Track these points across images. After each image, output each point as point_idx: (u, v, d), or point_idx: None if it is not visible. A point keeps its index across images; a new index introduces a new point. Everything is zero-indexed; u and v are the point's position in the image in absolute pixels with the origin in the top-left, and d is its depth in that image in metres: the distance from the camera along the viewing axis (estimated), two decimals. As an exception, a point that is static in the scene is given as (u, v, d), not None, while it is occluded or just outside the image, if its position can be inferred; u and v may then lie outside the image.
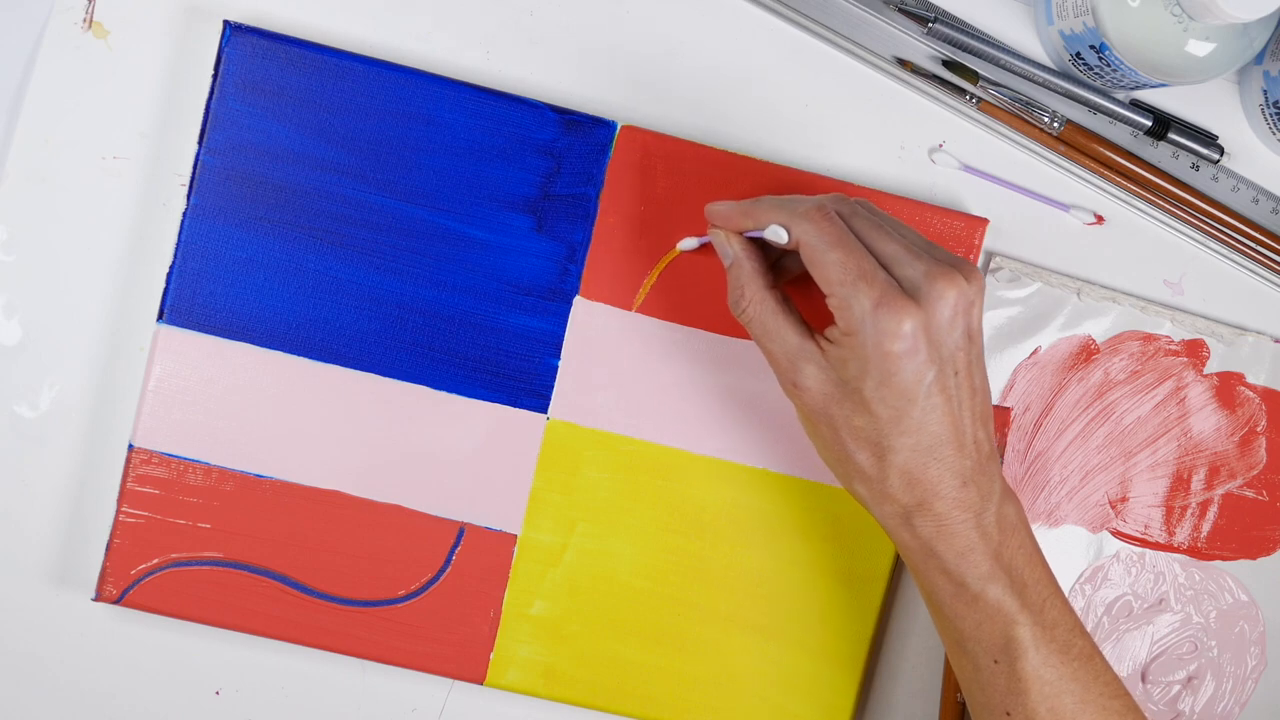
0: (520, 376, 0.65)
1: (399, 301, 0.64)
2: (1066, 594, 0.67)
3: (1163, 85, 0.63)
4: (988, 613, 0.57)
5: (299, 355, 0.64)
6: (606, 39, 0.66)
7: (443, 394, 0.64)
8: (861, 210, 0.58)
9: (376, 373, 0.64)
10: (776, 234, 0.58)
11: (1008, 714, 0.58)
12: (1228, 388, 0.68)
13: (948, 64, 0.66)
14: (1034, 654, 0.57)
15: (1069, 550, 0.68)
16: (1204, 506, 0.69)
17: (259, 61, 0.63)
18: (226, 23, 0.63)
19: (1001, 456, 0.67)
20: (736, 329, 0.65)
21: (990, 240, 0.67)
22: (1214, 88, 0.68)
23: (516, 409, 0.65)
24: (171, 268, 0.63)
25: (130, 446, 0.63)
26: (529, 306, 0.64)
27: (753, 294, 0.59)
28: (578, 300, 0.65)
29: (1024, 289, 0.67)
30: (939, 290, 0.55)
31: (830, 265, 0.56)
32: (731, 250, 0.60)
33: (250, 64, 0.63)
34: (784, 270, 0.62)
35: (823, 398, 0.57)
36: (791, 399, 0.59)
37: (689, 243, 0.64)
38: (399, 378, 0.64)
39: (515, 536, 0.65)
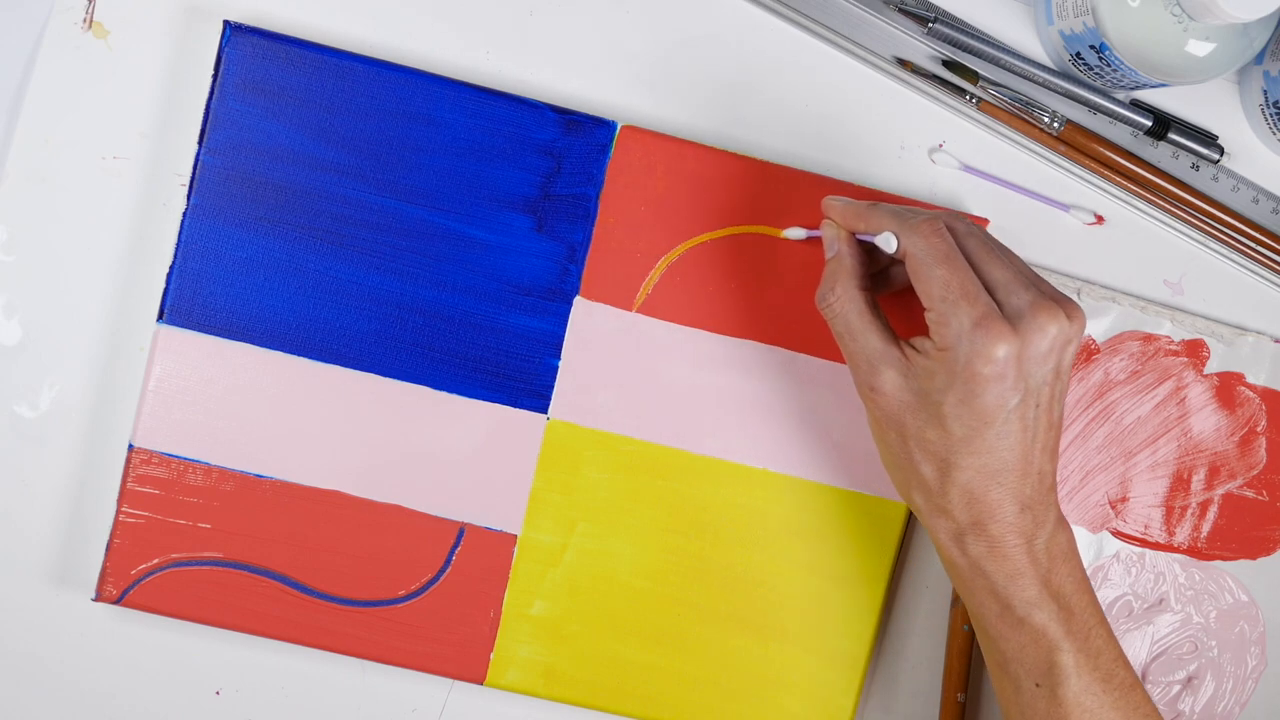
0: (520, 376, 0.65)
1: (399, 301, 0.64)
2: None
3: (1163, 85, 0.63)
4: (1032, 636, 0.58)
5: (299, 355, 0.64)
6: (606, 39, 0.66)
7: (443, 394, 0.64)
8: (978, 232, 0.58)
9: (376, 373, 0.64)
10: (887, 241, 0.58)
11: None
12: (1228, 388, 0.68)
13: (948, 64, 0.66)
14: (1076, 680, 0.57)
15: (1069, 550, 0.68)
16: (1204, 506, 0.69)
17: (259, 61, 0.63)
18: (226, 23, 0.63)
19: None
20: (736, 329, 0.65)
21: (990, 240, 0.67)
22: (1214, 88, 0.68)
23: (516, 409, 0.65)
24: (171, 268, 0.63)
25: (130, 446, 0.63)
26: (529, 306, 0.64)
27: (844, 290, 0.59)
28: (578, 300, 0.65)
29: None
30: (1040, 323, 0.55)
31: (935, 280, 0.56)
32: (836, 246, 0.60)
33: (250, 64, 0.63)
34: (889, 281, 0.63)
35: (898, 404, 0.57)
36: (865, 401, 0.59)
37: (796, 232, 0.64)
38: (399, 378, 0.64)
39: (515, 536, 0.65)
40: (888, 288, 0.63)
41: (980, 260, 0.57)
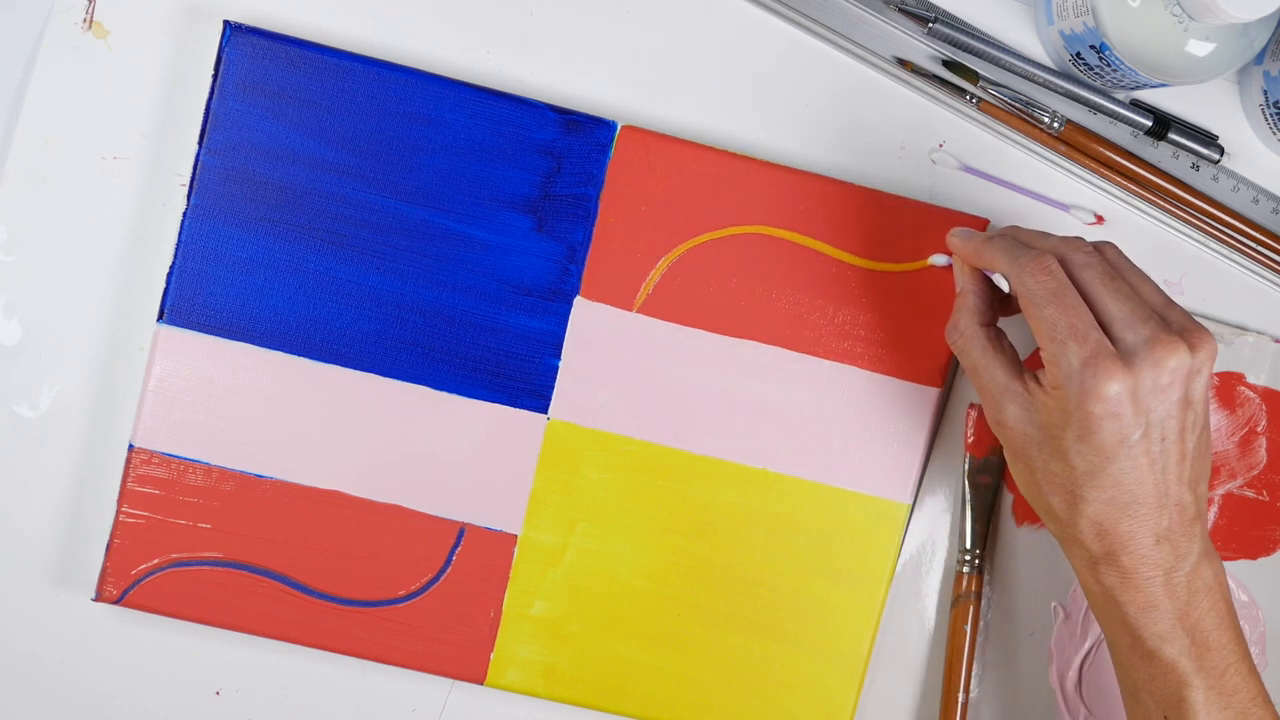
0: (520, 376, 0.65)
1: (399, 301, 0.64)
2: (1066, 594, 0.68)
3: (1163, 85, 0.63)
4: (1161, 669, 0.57)
5: (299, 355, 0.64)
6: (606, 39, 0.66)
7: (443, 394, 0.64)
8: (1095, 262, 0.57)
9: (376, 373, 0.64)
10: (1001, 281, 0.58)
11: None
12: (1228, 388, 0.68)
13: (948, 64, 0.66)
14: (1205, 717, 0.57)
15: (1069, 550, 0.68)
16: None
17: (259, 61, 0.63)
18: (226, 23, 0.63)
19: (1002, 456, 0.67)
20: (736, 329, 0.65)
21: (990, 240, 0.67)
22: (1214, 88, 0.68)
23: (517, 409, 0.65)
24: (171, 268, 0.63)
25: (130, 446, 0.63)
26: (529, 306, 0.64)
27: (966, 328, 0.60)
28: (578, 300, 0.65)
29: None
30: (1156, 358, 0.54)
31: (1043, 320, 0.56)
32: (961, 281, 0.61)
33: (250, 64, 0.63)
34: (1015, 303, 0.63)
35: (1023, 438, 0.57)
36: (995, 433, 0.59)
37: (939, 259, 0.65)
38: (399, 378, 0.64)
39: (515, 536, 0.65)
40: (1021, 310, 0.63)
41: (1096, 294, 0.56)
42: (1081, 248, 0.58)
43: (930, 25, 0.65)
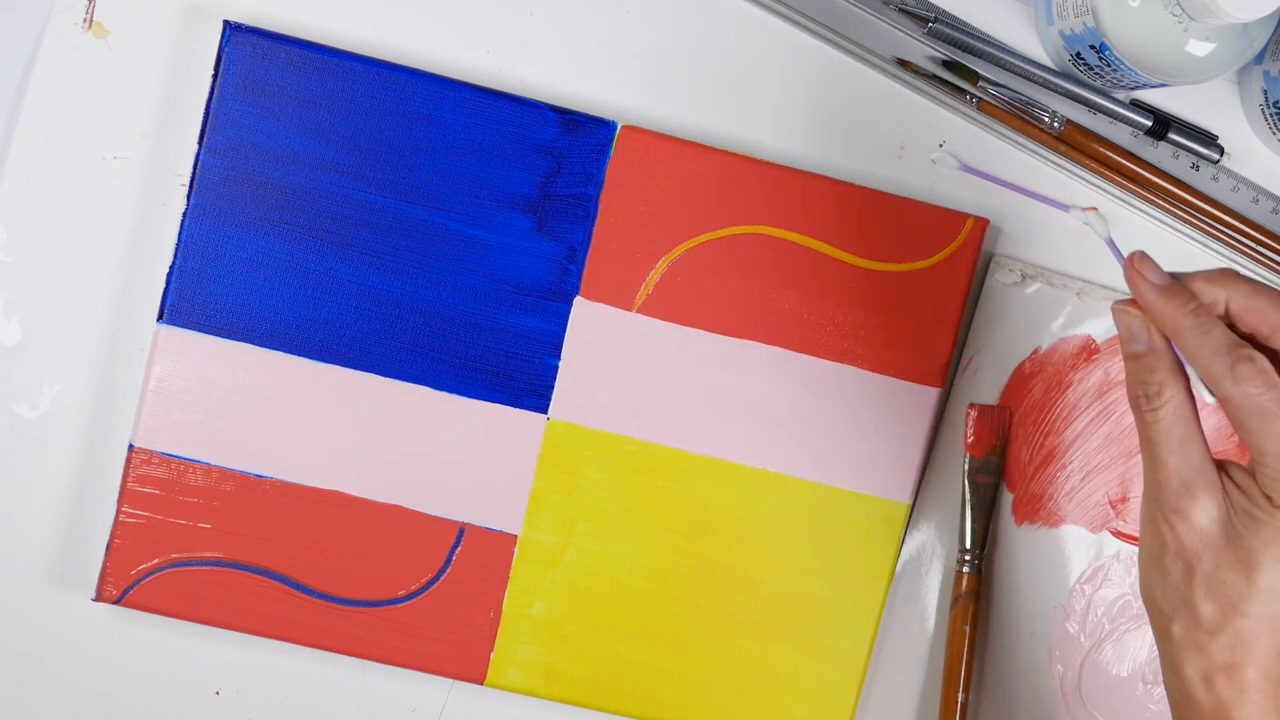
0: (520, 376, 0.65)
1: (399, 301, 0.64)
2: (1066, 594, 0.68)
3: (1163, 85, 0.63)
4: None
5: (299, 355, 0.64)
6: (606, 39, 0.66)
7: (443, 394, 0.64)
8: None
9: (376, 373, 0.64)
10: (1200, 390, 0.49)
11: None
12: (1228, 388, 0.68)
13: (948, 64, 0.66)
14: None
15: (1069, 550, 0.68)
16: (1204, 506, 0.68)
17: (259, 61, 0.63)
18: (226, 23, 0.63)
19: (1002, 455, 0.67)
20: (736, 329, 0.65)
21: (990, 240, 0.67)
22: (1214, 88, 0.68)
23: (516, 409, 0.65)
24: (171, 268, 0.63)
25: (130, 446, 0.63)
26: (529, 306, 0.65)
27: (1173, 394, 0.50)
28: (578, 300, 0.65)
29: (1024, 289, 0.67)
30: None
31: (1270, 437, 0.48)
32: (1152, 339, 0.51)
33: (250, 64, 0.63)
34: None
35: (1201, 538, 0.50)
36: (1159, 521, 0.51)
37: (1080, 215, 0.60)
38: (399, 378, 0.64)
39: (515, 536, 0.65)
40: None
41: None
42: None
43: (930, 25, 0.65)
